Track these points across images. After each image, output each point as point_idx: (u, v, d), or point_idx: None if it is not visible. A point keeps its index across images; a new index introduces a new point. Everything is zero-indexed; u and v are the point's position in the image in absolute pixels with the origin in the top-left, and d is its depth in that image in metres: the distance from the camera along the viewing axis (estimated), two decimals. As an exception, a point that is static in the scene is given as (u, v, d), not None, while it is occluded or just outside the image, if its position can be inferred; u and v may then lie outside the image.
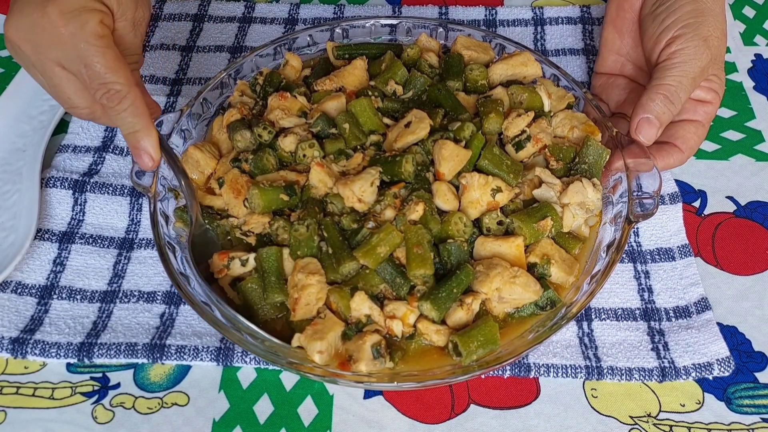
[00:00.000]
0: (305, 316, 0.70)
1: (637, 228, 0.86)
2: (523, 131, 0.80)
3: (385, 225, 0.72)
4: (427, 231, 0.72)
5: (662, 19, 0.83)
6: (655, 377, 0.74)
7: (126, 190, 0.89)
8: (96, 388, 0.75)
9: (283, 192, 0.76)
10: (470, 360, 0.67)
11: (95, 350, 0.75)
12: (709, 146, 0.95)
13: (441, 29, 0.97)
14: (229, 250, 0.75)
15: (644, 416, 0.73)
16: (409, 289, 0.71)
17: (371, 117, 0.81)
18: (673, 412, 0.73)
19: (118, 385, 0.75)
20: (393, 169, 0.76)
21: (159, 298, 0.81)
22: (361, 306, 0.69)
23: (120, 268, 0.84)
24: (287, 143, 0.80)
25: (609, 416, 0.73)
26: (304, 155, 0.79)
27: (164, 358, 0.75)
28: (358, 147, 0.81)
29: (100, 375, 0.76)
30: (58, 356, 0.75)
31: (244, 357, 0.75)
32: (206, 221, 0.78)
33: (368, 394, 0.75)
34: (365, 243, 0.71)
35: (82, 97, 0.73)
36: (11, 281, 0.81)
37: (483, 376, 0.75)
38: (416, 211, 0.72)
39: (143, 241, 0.86)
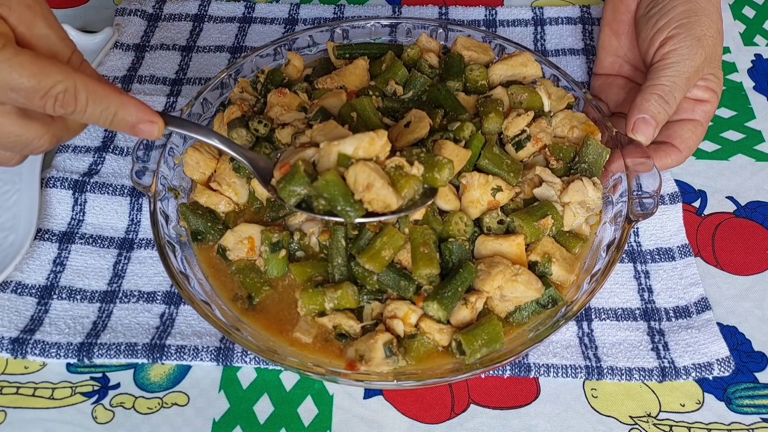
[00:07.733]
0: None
1: (637, 228, 0.86)
2: (523, 131, 0.81)
3: (387, 227, 0.72)
4: (432, 231, 0.72)
5: (656, 20, 0.83)
6: (655, 377, 0.74)
7: (126, 190, 0.89)
8: (96, 388, 0.75)
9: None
10: (474, 359, 0.67)
11: (95, 350, 0.75)
12: (709, 146, 0.95)
13: (441, 30, 0.97)
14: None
15: (644, 416, 0.73)
16: (416, 290, 0.71)
17: (371, 117, 0.81)
18: (673, 412, 0.73)
19: (118, 385, 0.75)
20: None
21: (159, 298, 0.81)
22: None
23: (120, 268, 0.84)
24: (284, 135, 0.80)
25: (609, 416, 0.73)
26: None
27: (164, 358, 0.75)
28: None
29: (100, 375, 0.76)
30: (58, 356, 0.75)
31: (244, 357, 0.75)
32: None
33: (368, 393, 0.75)
34: (369, 247, 0.71)
35: (31, 126, 0.60)
36: (11, 281, 0.81)
37: (483, 376, 0.75)
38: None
39: (143, 241, 0.86)
